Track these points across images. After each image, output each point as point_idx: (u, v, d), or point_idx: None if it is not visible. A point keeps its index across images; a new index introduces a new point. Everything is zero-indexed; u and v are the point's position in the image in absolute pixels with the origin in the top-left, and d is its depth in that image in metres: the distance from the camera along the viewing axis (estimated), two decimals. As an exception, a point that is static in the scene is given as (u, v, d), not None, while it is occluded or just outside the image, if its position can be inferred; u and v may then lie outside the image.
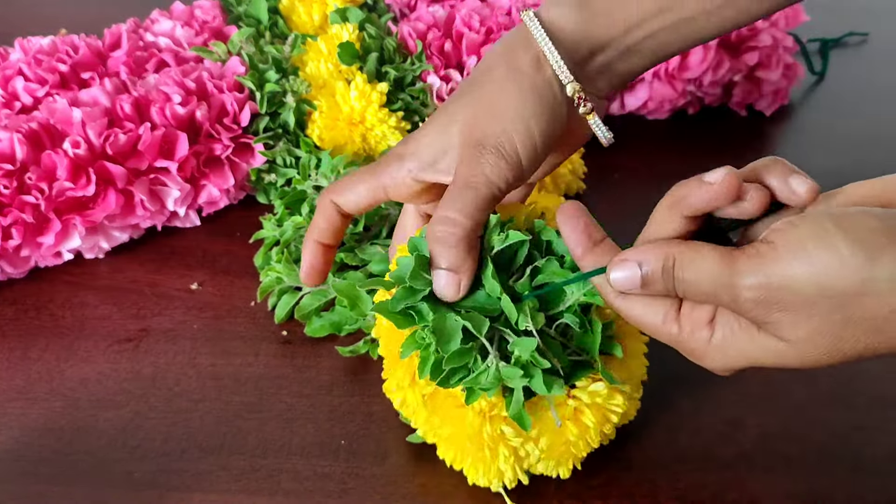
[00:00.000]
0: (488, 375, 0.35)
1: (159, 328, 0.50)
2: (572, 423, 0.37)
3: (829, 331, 0.28)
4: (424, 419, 0.39)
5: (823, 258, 0.27)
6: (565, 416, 0.37)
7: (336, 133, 0.58)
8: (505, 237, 0.37)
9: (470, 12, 0.61)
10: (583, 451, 0.39)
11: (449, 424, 0.38)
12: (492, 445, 0.37)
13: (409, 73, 0.59)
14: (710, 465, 0.42)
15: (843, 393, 0.45)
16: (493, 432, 0.36)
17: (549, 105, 0.38)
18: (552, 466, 0.39)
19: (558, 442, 0.37)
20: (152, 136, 0.52)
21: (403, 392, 0.39)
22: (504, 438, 0.37)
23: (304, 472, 0.42)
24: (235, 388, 0.46)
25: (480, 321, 0.35)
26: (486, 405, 0.36)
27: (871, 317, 0.27)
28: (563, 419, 0.37)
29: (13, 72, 0.57)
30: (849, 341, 0.28)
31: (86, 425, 0.44)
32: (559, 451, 0.38)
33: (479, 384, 0.35)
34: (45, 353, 0.48)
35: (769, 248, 0.28)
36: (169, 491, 0.41)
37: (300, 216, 0.52)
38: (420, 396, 0.38)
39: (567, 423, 0.37)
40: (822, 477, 0.41)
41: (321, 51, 0.58)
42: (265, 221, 0.53)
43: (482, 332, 0.35)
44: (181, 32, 0.62)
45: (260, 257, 0.52)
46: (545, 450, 0.37)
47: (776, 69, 0.65)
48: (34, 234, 0.51)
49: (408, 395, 0.39)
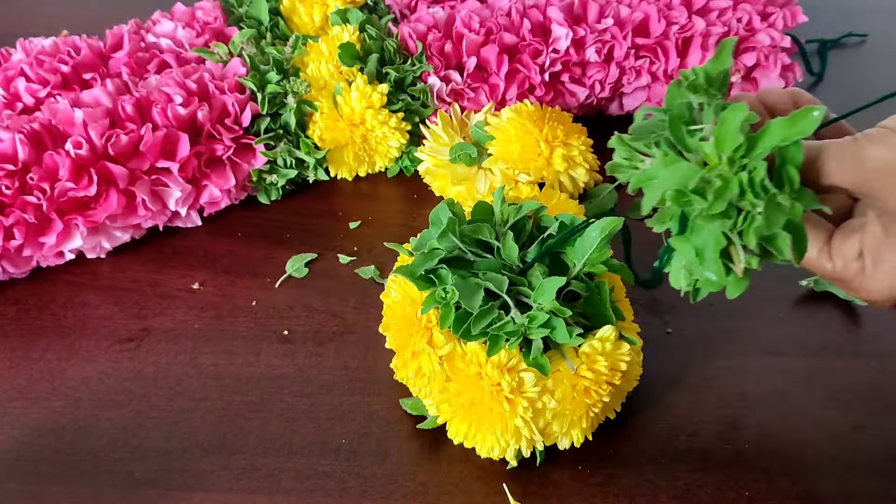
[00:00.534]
0: (511, 326, 0.37)
1: (161, 328, 0.50)
2: (586, 368, 0.39)
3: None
4: (440, 387, 0.40)
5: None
6: (581, 363, 0.39)
7: (337, 134, 0.58)
8: (518, 209, 0.41)
9: (470, 13, 0.61)
10: (595, 408, 0.40)
11: (466, 389, 0.39)
12: (511, 397, 0.38)
13: (409, 74, 0.59)
14: (709, 465, 0.42)
15: (842, 393, 0.46)
16: (512, 382, 0.38)
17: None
18: (566, 426, 0.40)
19: (571, 393, 0.39)
20: (154, 137, 0.52)
21: (418, 361, 0.40)
22: (522, 389, 0.38)
23: (304, 471, 0.42)
24: (236, 387, 0.46)
25: (500, 280, 0.38)
26: (505, 357, 0.38)
27: None
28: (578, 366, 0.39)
29: (15, 72, 0.57)
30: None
31: (87, 425, 0.44)
32: (574, 404, 0.39)
33: (506, 330, 0.37)
34: (47, 353, 0.48)
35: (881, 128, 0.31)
36: (170, 490, 0.41)
37: None
38: (436, 361, 0.39)
39: (581, 369, 0.38)
40: (821, 477, 0.41)
41: (322, 52, 0.58)
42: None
43: (503, 289, 0.38)
44: (182, 33, 0.62)
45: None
46: (560, 399, 0.39)
47: (774, 70, 0.65)
48: (36, 234, 0.51)
49: (423, 362, 0.39)
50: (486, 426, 0.39)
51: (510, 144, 0.53)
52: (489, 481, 0.41)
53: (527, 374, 0.38)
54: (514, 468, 0.42)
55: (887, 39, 0.80)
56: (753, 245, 0.31)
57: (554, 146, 0.52)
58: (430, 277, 0.39)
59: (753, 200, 0.30)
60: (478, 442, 0.40)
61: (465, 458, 0.42)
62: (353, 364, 0.47)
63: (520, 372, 0.38)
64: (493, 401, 0.38)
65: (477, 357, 0.38)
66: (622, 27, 0.61)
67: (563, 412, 0.39)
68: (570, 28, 0.60)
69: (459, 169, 0.55)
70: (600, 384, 0.39)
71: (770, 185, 0.30)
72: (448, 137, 0.56)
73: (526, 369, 0.38)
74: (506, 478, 0.41)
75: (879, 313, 0.50)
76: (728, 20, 0.63)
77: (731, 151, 0.30)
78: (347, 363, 0.47)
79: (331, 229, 0.57)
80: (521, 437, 0.39)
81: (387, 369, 0.47)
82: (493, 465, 0.42)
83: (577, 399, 0.39)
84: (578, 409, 0.39)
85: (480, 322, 0.38)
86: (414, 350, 0.40)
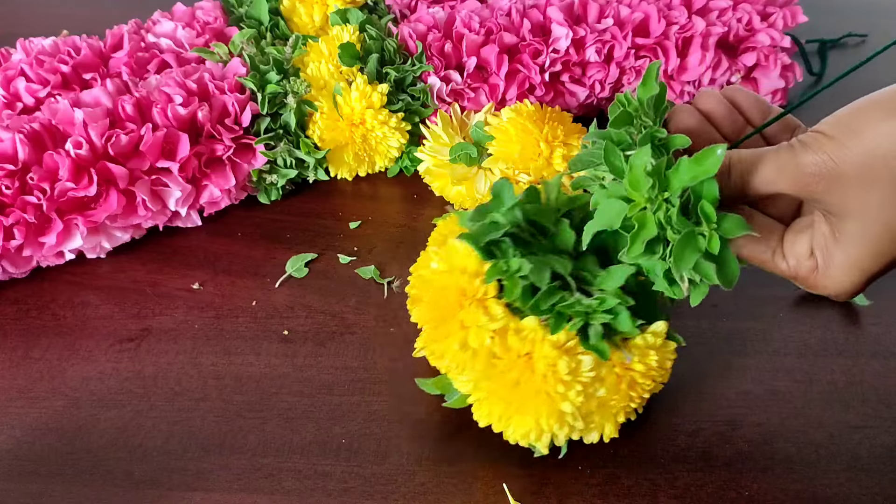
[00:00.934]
0: (578, 307, 0.37)
1: (161, 328, 0.50)
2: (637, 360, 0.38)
3: (891, 194, 0.30)
4: (485, 363, 0.38)
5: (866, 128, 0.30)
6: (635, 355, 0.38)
7: (337, 134, 0.58)
8: (572, 199, 0.40)
9: (470, 13, 0.61)
10: (634, 402, 0.40)
11: (513, 367, 0.37)
12: (567, 380, 0.37)
13: (409, 74, 0.59)
14: (709, 465, 0.42)
15: (841, 393, 0.46)
16: (571, 364, 0.37)
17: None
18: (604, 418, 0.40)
19: (618, 384, 0.38)
20: (154, 137, 0.52)
21: (465, 333, 0.38)
22: (578, 372, 0.37)
23: (304, 471, 0.42)
24: (236, 387, 0.46)
25: (565, 262, 0.38)
26: (565, 337, 0.37)
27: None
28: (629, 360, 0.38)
29: (15, 72, 0.57)
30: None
31: (87, 424, 0.44)
32: (619, 395, 0.39)
33: (573, 309, 0.37)
34: (47, 353, 0.48)
35: (815, 134, 0.32)
36: (170, 490, 0.41)
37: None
38: (487, 335, 0.38)
39: (633, 361, 0.38)
40: (820, 477, 0.42)
41: (322, 52, 0.59)
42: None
43: (567, 270, 0.37)
44: (182, 33, 0.62)
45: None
46: (608, 389, 0.38)
47: (774, 70, 0.65)
48: (36, 234, 0.51)
49: (472, 335, 0.38)
50: (528, 409, 0.38)
51: (510, 144, 0.53)
52: (489, 481, 0.41)
53: (585, 357, 0.37)
54: (513, 468, 0.42)
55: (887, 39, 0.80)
56: (681, 274, 0.34)
57: (554, 146, 0.52)
58: (490, 249, 0.38)
59: (672, 235, 0.34)
60: (511, 425, 0.39)
61: (465, 458, 0.42)
62: (353, 364, 0.47)
63: (578, 355, 0.37)
64: (544, 382, 0.37)
65: (534, 334, 0.37)
66: (622, 27, 0.61)
67: (607, 403, 0.39)
68: (570, 28, 0.60)
69: (459, 169, 0.55)
70: (647, 379, 0.39)
71: (684, 222, 0.33)
72: (448, 137, 0.56)
73: (584, 352, 0.37)
74: (506, 478, 0.41)
75: (879, 313, 0.50)
76: (728, 20, 0.63)
77: (646, 191, 0.33)
78: (347, 363, 0.48)
79: (331, 229, 0.57)
80: (564, 424, 0.38)
81: (387, 369, 0.47)
82: (494, 464, 0.42)
83: (623, 391, 0.39)
84: (622, 401, 0.39)
85: (549, 298, 0.37)
86: (463, 322, 0.38)
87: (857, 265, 0.33)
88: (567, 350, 0.37)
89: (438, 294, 0.39)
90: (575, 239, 0.39)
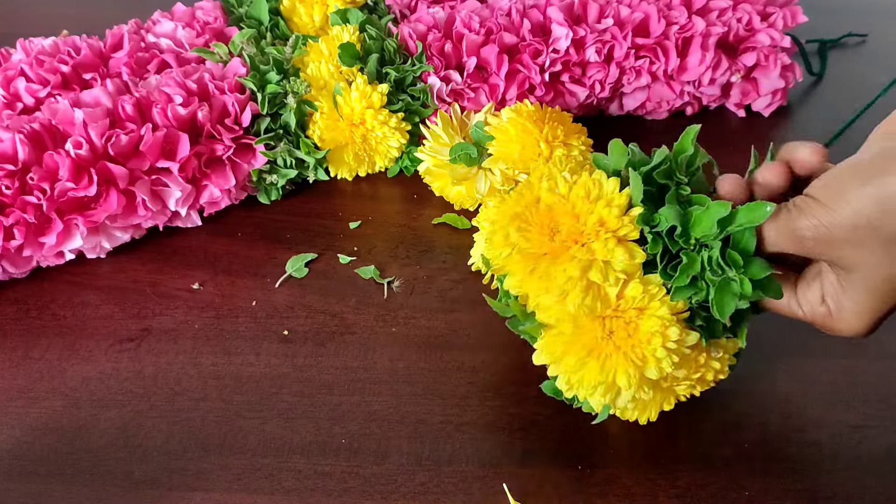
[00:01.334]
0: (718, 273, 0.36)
1: (161, 328, 0.50)
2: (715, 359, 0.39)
3: (882, 252, 0.32)
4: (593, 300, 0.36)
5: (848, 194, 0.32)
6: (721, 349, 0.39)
7: (337, 134, 0.58)
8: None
9: (470, 13, 0.61)
10: (687, 393, 0.41)
11: (617, 317, 0.37)
12: (672, 347, 0.36)
13: (409, 74, 0.59)
14: (709, 465, 0.42)
15: (841, 393, 0.46)
16: (681, 333, 0.37)
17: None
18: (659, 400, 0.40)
19: (691, 373, 0.39)
20: (154, 137, 0.52)
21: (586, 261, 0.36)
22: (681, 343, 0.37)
23: (304, 471, 0.42)
24: (236, 387, 0.46)
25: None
26: (683, 306, 0.37)
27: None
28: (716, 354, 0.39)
29: (15, 72, 0.57)
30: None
31: (87, 424, 0.44)
32: (683, 384, 0.40)
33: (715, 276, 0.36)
34: (47, 353, 0.48)
35: (806, 198, 0.34)
36: (170, 490, 0.41)
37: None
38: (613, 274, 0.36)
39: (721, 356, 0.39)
40: (821, 477, 0.41)
41: (322, 52, 0.59)
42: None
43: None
44: (182, 33, 0.62)
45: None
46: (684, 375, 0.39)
47: (774, 70, 0.65)
48: (36, 234, 0.51)
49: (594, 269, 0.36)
50: (610, 361, 0.37)
51: (510, 144, 0.53)
52: (489, 481, 0.41)
53: (693, 332, 0.37)
54: (513, 468, 0.42)
55: (887, 40, 0.80)
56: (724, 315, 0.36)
57: (554, 146, 0.52)
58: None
59: (711, 277, 0.36)
60: (583, 372, 0.37)
61: (465, 458, 0.42)
62: (353, 364, 0.47)
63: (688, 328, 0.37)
64: (645, 342, 0.36)
65: (656, 291, 0.36)
66: (622, 27, 0.61)
67: (673, 386, 0.40)
68: (570, 28, 0.60)
69: (459, 169, 0.55)
70: (717, 376, 0.40)
71: (723, 264, 0.36)
72: (448, 137, 0.56)
73: (693, 328, 0.37)
74: (506, 478, 0.41)
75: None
76: (728, 20, 0.63)
77: (702, 236, 0.36)
78: (347, 363, 0.47)
79: (331, 229, 0.57)
80: (639, 388, 0.37)
81: (387, 369, 0.47)
82: (494, 464, 0.42)
83: (693, 380, 0.39)
84: (684, 390, 0.40)
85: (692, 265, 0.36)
86: (595, 252, 0.36)
87: (866, 311, 0.35)
88: (680, 321, 0.37)
89: (563, 217, 0.37)
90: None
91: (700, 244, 0.37)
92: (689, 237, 0.36)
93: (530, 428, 0.44)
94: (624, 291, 0.37)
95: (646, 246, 0.37)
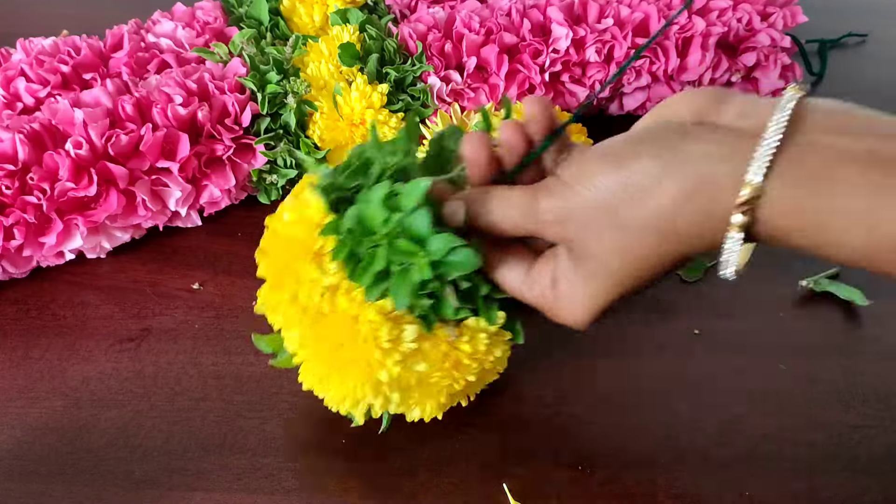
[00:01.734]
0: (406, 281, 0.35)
1: (161, 328, 0.50)
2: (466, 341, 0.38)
3: (618, 239, 0.32)
4: (312, 320, 0.37)
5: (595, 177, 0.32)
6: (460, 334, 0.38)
7: (337, 134, 0.58)
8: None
9: (470, 13, 0.61)
10: (458, 384, 0.39)
11: (338, 329, 0.37)
12: (386, 347, 0.36)
13: (409, 74, 0.59)
14: (709, 465, 0.42)
15: (841, 393, 0.46)
16: (392, 332, 0.36)
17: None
18: (425, 396, 0.39)
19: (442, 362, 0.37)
20: (154, 137, 0.52)
21: (295, 288, 0.37)
22: (399, 341, 0.36)
23: (304, 470, 0.42)
24: (237, 387, 0.46)
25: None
26: (391, 305, 0.36)
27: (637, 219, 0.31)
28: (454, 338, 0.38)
29: (15, 72, 0.57)
30: (637, 247, 0.32)
31: (87, 424, 0.44)
32: (441, 374, 0.38)
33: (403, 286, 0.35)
34: (47, 353, 0.48)
35: (556, 179, 0.34)
36: (170, 490, 0.41)
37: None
38: (318, 292, 0.37)
39: (460, 341, 0.37)
40: (820, 477, 0.41)
41: (322, 52, 0.59)
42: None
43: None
44: (182, 33, 0.62)
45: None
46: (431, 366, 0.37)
47: (774, 70, 0.65)
48: (36, 234, 0.51)
49: (302, 290, 0.37)
50: (348, 373, 0.37)
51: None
52: (489, 481, 0.41)
53: (409, 326, 0.36)
54: (513, 468, 0.42)
55: (888, 40, 0.80)
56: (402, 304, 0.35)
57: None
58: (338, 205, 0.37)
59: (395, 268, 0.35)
60: (330, 390, 0.38)
61: (465, 458, 0.42)
62: (353, 364, 0.47)
63: (402, 324, 0.37)
64: (365, 348, 0.36)
65: (363, 297, 0.36)
66: (622, 27, 0.61)
67: (428, 380, 0.38)
68: (570, 28, 0.60)
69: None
70: (473, 361, 0.38)
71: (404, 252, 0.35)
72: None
73: (409, 322, 0.36)
74: (506, 478, 0.41)
75: (880, 313, 0.50)
76: (728, 20, 0.63)
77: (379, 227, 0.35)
78: (347, 363, 0.47)
79: (331, 229, 0.57)
80: (379, 393, 0.37)
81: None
82: (494, 464, 0.42)
83: (446, 370, 0.38)
84: (445, 380, 0.38)
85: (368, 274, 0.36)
86: (298, 276, 0.37)
87: (588, 300, 0.34)
88: (393, 318, 0.36)
89: (283, 246, 0.38)
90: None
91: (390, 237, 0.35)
92: (373, 234, 0.35)
93: (530, 428, 0.44)
94: (335, 304, 0.37)
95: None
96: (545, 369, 0.47)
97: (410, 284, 0.35)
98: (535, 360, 0.47)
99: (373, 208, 0.35)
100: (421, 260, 0.34)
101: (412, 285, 0.35)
